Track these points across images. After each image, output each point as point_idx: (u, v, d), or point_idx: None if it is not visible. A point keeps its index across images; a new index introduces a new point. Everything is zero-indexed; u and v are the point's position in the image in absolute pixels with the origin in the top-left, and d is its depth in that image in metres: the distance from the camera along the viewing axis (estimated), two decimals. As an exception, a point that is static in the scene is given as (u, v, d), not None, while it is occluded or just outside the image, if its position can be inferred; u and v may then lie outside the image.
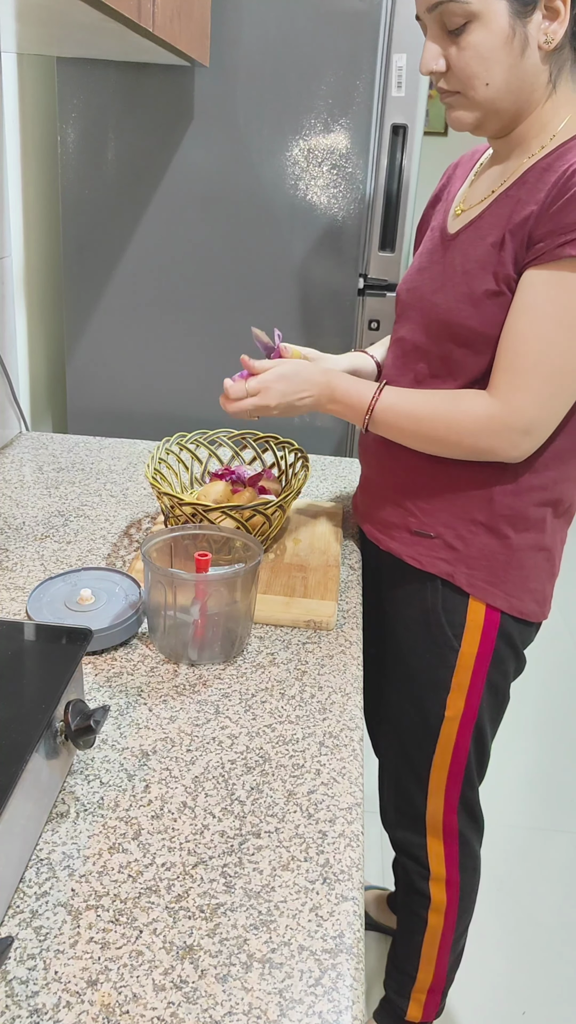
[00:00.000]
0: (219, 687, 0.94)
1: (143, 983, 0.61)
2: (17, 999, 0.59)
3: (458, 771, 1.21)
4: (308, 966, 0.63)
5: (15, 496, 1.39)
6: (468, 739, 1.19)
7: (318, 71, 1.54)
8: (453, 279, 1.04)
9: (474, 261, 1.02)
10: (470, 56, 0.95)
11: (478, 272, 1.01)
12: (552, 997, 1.65)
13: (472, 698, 1.16)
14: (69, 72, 1.59)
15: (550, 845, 2.01)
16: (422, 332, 1.09)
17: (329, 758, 0.84)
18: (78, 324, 1.77)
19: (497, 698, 1.19)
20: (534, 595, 1.12)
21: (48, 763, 0.72)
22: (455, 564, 1.10)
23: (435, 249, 1.11)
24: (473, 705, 1.17)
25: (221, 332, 1.74)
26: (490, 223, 1.02)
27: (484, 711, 1.18)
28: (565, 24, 0.94)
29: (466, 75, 0.97)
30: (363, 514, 1.24)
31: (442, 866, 1.29)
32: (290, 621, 1.06)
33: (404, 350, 1.13)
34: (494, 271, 0.99)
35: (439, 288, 1.06)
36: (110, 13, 0.95)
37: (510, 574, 1.10)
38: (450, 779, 1.22)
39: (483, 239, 1.02)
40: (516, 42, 0.94)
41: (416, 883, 1.32)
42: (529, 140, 1.02)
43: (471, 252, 1.03)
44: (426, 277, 1.10)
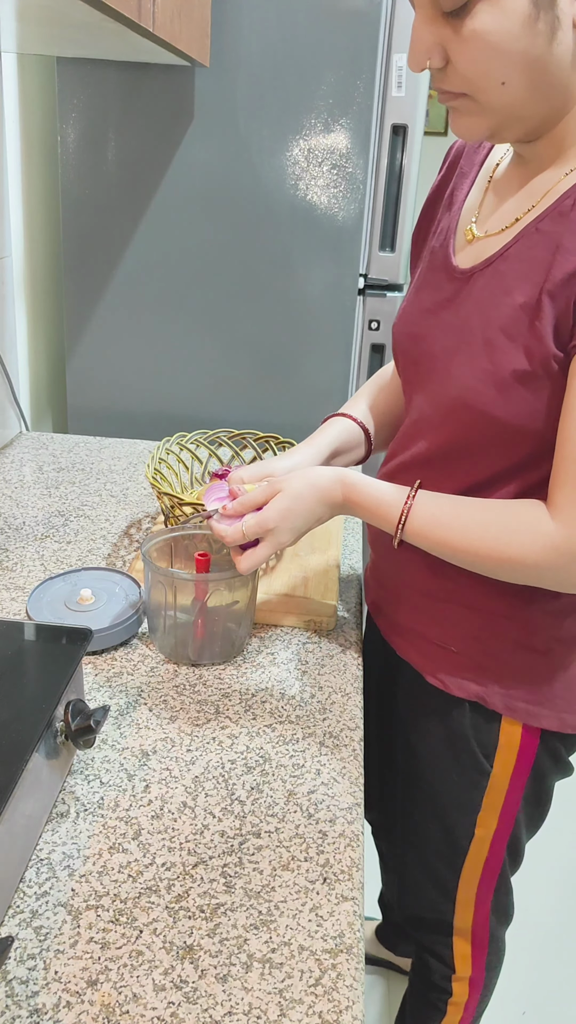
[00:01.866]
0: (219, 687, 0.94)
1: (143, 983, 0.61)
2: (17, 999, 0.59)
3: (490, 882, 1.05)
4: (308, 966, 0.63)
5: (15, 496, 1.39)
6: (503, 852, 1.03)
7: (318, 71, 1.54)
8: (471, 345, 0.80)
9: (497, 328, 0.78)
10: (477, 47, 0.69)
11: (504, 344, 0.77)
12: (552, 997, 1.65)
13: (507, 815, 0.99)
14: (69, 72, 1.59)
15: (550, 845, 2.01)
16: (427, 403, 0.87)
17: (329, 758, 0.84)
18: (78, 324, 1.77)
19: (539, 809, 1.03)
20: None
21: (48, 763, 0.72)
22: (486, 684, 0.91)
23: (441, 286, 0.87)
24: (508, 822, 1.00)
25: (221, 332, 1.74)
26: (517, 271, 0.77)
27: (521, 824, 1.02)
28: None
29: (473, 73, 0.71)
30: (378, 608, 1.04)
31: (469, 967, 1.14)
32: (290, 621, 1.06)
33: (412, 419, 0.92)
34: (526, 345, 0.75)
35: (451, 350, 0.83)
36: (110, 13, 0.95)
37: (556, 689, 0.90)
38: (481, 891, 1.06)
39: (508, 294, 0.77)
40: (542, 24, 0.67)
41: (437, 981, 1.17)
42: (568, 147, 0.76)
43: (492, 313, 0.79)
44: (434, 327, 0.86)
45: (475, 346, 0.80)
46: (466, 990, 1.17)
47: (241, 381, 1.76)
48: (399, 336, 0.93)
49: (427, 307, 0.88)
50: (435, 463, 0.89)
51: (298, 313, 1.70)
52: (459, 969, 1.15)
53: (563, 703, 0.91)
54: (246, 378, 1.76)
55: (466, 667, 0.92)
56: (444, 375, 0.84)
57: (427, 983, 1.21)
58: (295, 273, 1.68)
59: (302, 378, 1.74)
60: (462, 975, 1.15)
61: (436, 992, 1.20)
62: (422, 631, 0.96)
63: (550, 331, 0.74)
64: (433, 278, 0.89)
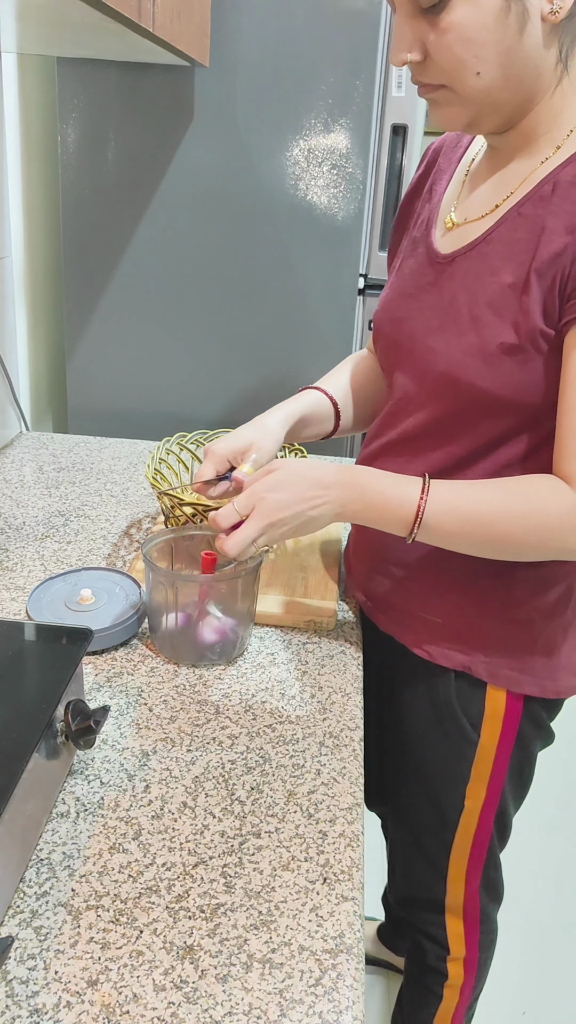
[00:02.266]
0: (219, 687, 0.94)
1: (143, 983, 0.61)
2: (17, 999, 0.59)
3: (480, 856, 1.08)
4: (308, 966, 0.63)
5: (15, 496, 1.39)
6: (491, 825, 1.05)
7: (318, 71, 1.54)
8: (457, 322, 0.84)
9: (484, 305, 0.81)
10: (453, 40, 0.74)
11: (491, 319, 0.81)
12: (552, 997, 1.65)
13: (494, 786, 1.02)
14: (69, 72, 1.59)
15: (550, 845, 2.01)
16: (413, 381, 0.90)
17: (329, 758, 0.84)
18: (78, 324, 1.77)
19: (522, 778, 1.05)
20: (569, 668, 0.96)
21: (48, 763, 0.72)
22: (471, 654, 0.94)
23: (422, 271, 0.90)
24: (496, 792, 1.02)
25: (221, 332, 1.74)
26: (502, 253, 0.81)
27: (508, 794, 1.04)
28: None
29: (450, 64, 0.76)
30: (360, 585, 1.06)
31: (462, 946, 1.16)
32: (290, 621, 1.06)
33: (394, 398, 0.95)
34: (514, 321, 0.79)
35: (435, 329, 0.86)
36: (110, 13, 0.95)
37: (537, 657, 0.94)
38: (471, 865, 1.09)
39: (493, 274, 0.81)
40: (512, 17, 0.73)
41: (432, 962, 1.20)
42: (539, 137, 0.82)
43: (478, 290, 0.82)
44: (415, 310, 0.90)
45: (461, 323, 0.83)
46: (461, 971, 1.19)
47: (241, 381, 1.76)
48: (381, 322, 0.96)
49: (409, 292, 0.92)
50: (421, 439, 0.91)
51: (298, 313, 1.70)
52: (453, 949, 1.17)
53: (543, 671, 0.94)
54: (246, 378, 1.76)
55: (451, 638, 0.95)
56: (428, 353, 0.87)
57: (422, 967, 1.22)
58: (295, 273, 1.68)
59: (302, 378, 1.74)
60: (456, 955, 1.17)
61: (432, 975, 1.21)
62: (406, 605, 0.98)
63: (538, 308, 0.78)
64: (415, 265, 0.92)
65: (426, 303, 0.89)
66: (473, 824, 1.05)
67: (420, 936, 1.20)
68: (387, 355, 0.96)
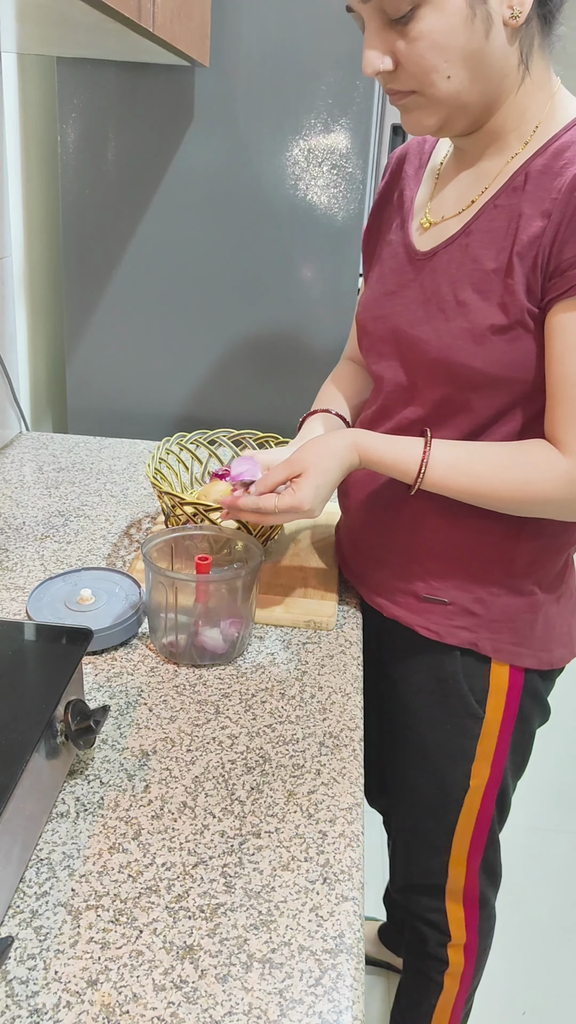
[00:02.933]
0: (219, 687, 0.94)
1: (143, 983, 0.61)
2: (17, 999, 0.59)
3: (482, 836, 1.11)
4: (308, 966, 0.63)
5: (15, 496, 1.39)
6: (493, 804, 1.08)
7: (318, 71, 1.54)
8: (443, 310, 0.89)
9: (470, 290, 0.86)
10: (423, 47, 0.78)
11: (477, 303, 0.86)
12: (552, 997, 1.65)
13: (498, 763, 1.05)
14: (69, 72, 1.59)
15: (550, 845, 2.01)
16: (403, 371, 0.95)
17: (329, 758, 0.84)
18: (78, 324, 1.77)
19: (522, 755, 1.09)
20: (561, 640, 1.02)
21: (48, 763, 0.72)
22: (477, 631, 0.98)
23: (403, 270, 0.95)
24: (499, 770, 1.06)
25: (221, 332, 1.74)
26: (482, 242, 0.86)
27: (509, 771, 1.08)
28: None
29: (421, 70, 0.80)
30: (356, 574, 1.09)
31: (463, 931, 1.19)
32: (290, 621, 1.06)
33: (386, 391, 0.99)
34: (500, 302, 0.84)
35: (421, 320, 0.91)
36: (110, 13, 0.95)
37: (536, 631, 0.98)
38: (473, 846, 1.11)
39: (475, 262, 0.87)
40: (478, 22, 0.77)
41: (433, 949, 1.22)
42: (506, 135, 0.87)
43: (461, 279, 0.87)
44: (398, 305, 0.94)
45: (448, 311, 0.88)
46: (461, 958, 1.21)
47: (241, 381, 1.76)
48: (364, 321, 1.00)
49: (390, 290, 0.97)
50: (417, 426, 0.95)
51: (298, 313, 1.70)
52: (454, 935, 1.19)
53: (540, 643, 1.00)
54: (246, 378, 1.76)
55: (457, 615, 0.98)
56: (416, 343, 0.91)
57: (422, 956, 1.23)
58: (295, 273, 1.68)
59: (302, 378, 1.74)
60: (457, 941, 1.19)
61: (432, 963, 1.23)
62: (409, 588, 1.01)
63: (522, 288, 0.83)
64: (394, 265, 0.97)
65: (408, 298, 0.93)
66: (477, 803, 1.08)
67: (420, 923, 1.21)
68: (372, 352, 1.00)
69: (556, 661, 1.02)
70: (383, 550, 1.02)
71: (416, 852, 1.17)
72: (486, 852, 1.13)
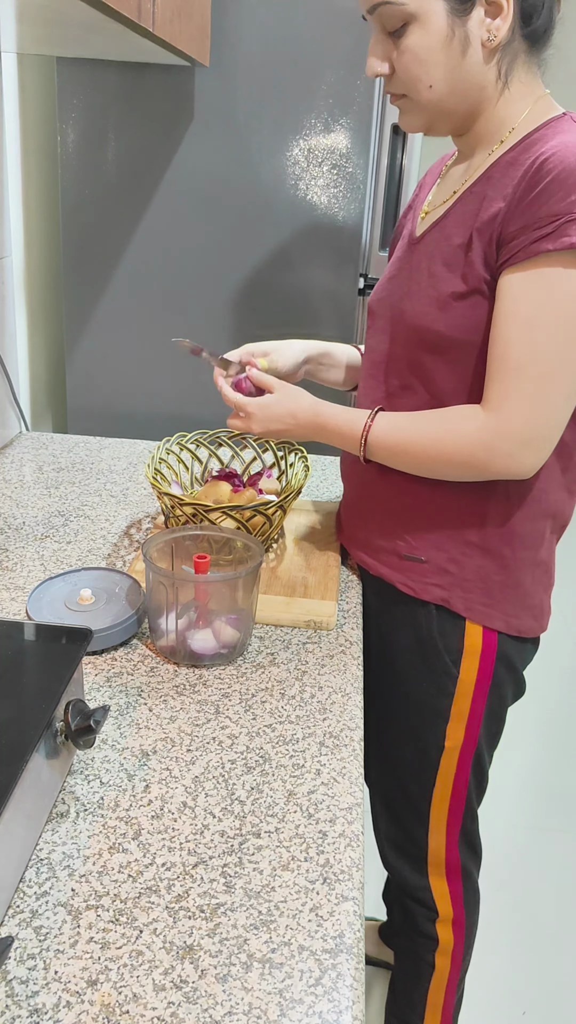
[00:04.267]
0: (219, 687, 0.94)
1: (143, 983, 0.61)
2: (17, 999, 0.59)
3: (459, 803, 1.16)
4: (308, 966, 0.63)
5: (15, 496, 1.39)
6: (468, 769, 1.14)
7: (318, 71, 1.54)
8: (419, 283, 1.00)
9: (439, 263, 0.98)
10: (409, 59, 0.92)
11: (444, 274, 0.96)
12: (552, 997, 1.65)
13: (472, 726, 1.11)
14: (69, 72, 1.59)
15: (550, 845, 2.01)
16: (388, 341, 1.06)
17: (329, 758, 0.84)
18: (78, 324, 1.77)
19: (496, 724, 1.15)
20: (532, 611, 1.08)
21: (48, 763, 0.72)
22: (450, 589, 1.05)
23: (403, 255, 1.07)
24: (473, 733, 1.12)
25: (221, 332, 1.74)
26: (454, 223, 0.97)
27: (483, 738, 1.13)
28: (509, 19, 0.89)
29: (408, 78, 0.93)
30: (349, 536, 1.19)
31: (449, 906, 1.24)
32: (290, 621, 1.06)
33: (373, 361, 1.09)
34: (462, 272, 0.95)
35: (406, 294, 1.02)
36: (110, 13, 0.95)
37: (507, 594, 1.05)
38: (451, 812, 1.17)
39: (448, 239, 0.97)
40: (456, 42, 0.90)
41: (422, 926, 1.26)
42: (489, 136, 0.98)
43: (436, 254, 0.99)
44: (394, 286, 1.06)
45: (422, 283, 1.00)
46: (451, 935, 1.26)
47: (241, 381, 1.76)
48: (372, 304, 1.12)
49: (392, 274, 1.09)
50: (398, 396, 1.06)
51: (298, 313, 1.70)
52: (441, 910, 1.24)
53: (510, 607, 1.06)
54: (246, 378, 1.76)
55: (432, 573, 1.06)
56: (399, 315, 1.03)
57: (413, 936, 1.28)
58: (295, 273, 1.68)
59: (302, 378, 1.74)
60: (445, 916, 1.24)
61: (423, 941, 1.27)
62: (392, 547, 1.09)
63: (480, 259, 0.93)
64: (399, 253, 1.09)
65: (401, 278, 1.05)
66: (452, 767, 1.14)
67: (408, 900, 1.26)
68: (372, 328, 1.11)
69: (524, 629, 1.07)
70: (371, 513, 1.12)
71: (399, 817, 1.22)
72: (464, 821, 1.18)
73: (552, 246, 0.86)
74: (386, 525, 1.09)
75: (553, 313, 0.88)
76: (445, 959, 1.27)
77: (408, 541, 1.07)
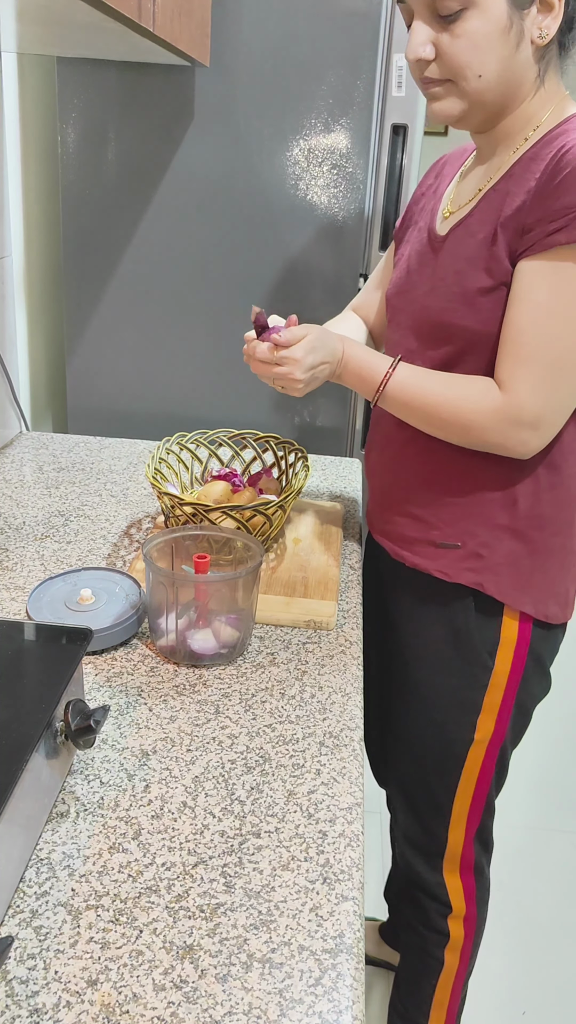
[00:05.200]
0: (219, 687, 0.94)
1: (143, 983, 0.61)
2: (17, 999, 0.59)
3: (481, 798, 1.17)
4: (308, 966, 0.63)
5: (15, 496, 1.39)
6: (493, 763, 1.15)
7: (318, 71, 1.54)
8: (445, 280, 1.02)
9: (464, 260, 0.99)
10: (464, 45, 0.91)
11: (469, 270, 0.98)
12: (552, 997, 1.65)
13: (502, 719, 1.12)
14: (69, 72, 1.59)
15: (550, 845, 2.01)
16: (413, 336, 1.07)
17: (329, 758, 0.84)
18: (78, 324, 1.77)
19: (523, 720, 1.16)
20: (558, 598, 1.09)
21: (48, 763, 0.72)
22: (482, 573, 1.07)
23: (424, 252, 1.09)
24: (502, 727, 1.13)
25: (221, 332, 1.74)
26: (479, 220, 0.99)
27: (510, 732, 1.14)
28: (559, 19, 0.91)
29: (458, 64, 0.92)
30: (382, 531, 1.18)
31: (462, 901, 1.24)
32: (290, 621, 1.06)
33: (393, 355, 1.10)
34: (487, 266, 0.97)
35: (430, 291, 1.04)
36: (110, 13, 0.95)
37: (536, 578, 1.07)
38: (472, 808, 1.17)
39: (472, 236, 0.99)
40: (512, 34, 0.91)
41: (434, 921, 1.26)
42: (514, 135, 1.00)
43: (461, 251, 1.00)
44: (415, 280, 1.08)
45: (448, 280, 1.01)
46: (462, 931, 1.26)
47: (241, 381, 1.76)
48: (391, 296, 1.14)
49: (413, 269, 1.10)
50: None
51: (298, 313, 1.70)
52: (455, 905, 1.24)
53: (538, 593, 1.08)
54: (246, 378, 1.76)
55: (466, 558, 1.07)
56: (424, 311, 1.04)
57: (424, 930, 1.28)
58: (295, 273, 1.68)
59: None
60: (458, 912, 1.25)
61: (434, 936, 1.27)
62: (426, 536, 1.10)
63: (504, 253, 0.95)
64: (419, 248, 1.11)
65: (424, 275, 1.07)
66: (479, 760, 1.14)
67: (421, 894, 1.26)
68: (393, 322, 1.13)
69: (551, 616, 1.09)
70: (403, 504, 1.12)
71: (418, 811, 1.22)
72: (483, 818, 1.18)
73: (566, 239, 0.89)
74: (418, 516, 1.10)
75: (568, 304, 0.91)
76: (454, 955, 1.28)
77: (441, 529, 1.08)
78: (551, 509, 1.05)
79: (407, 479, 1.11)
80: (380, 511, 1.18)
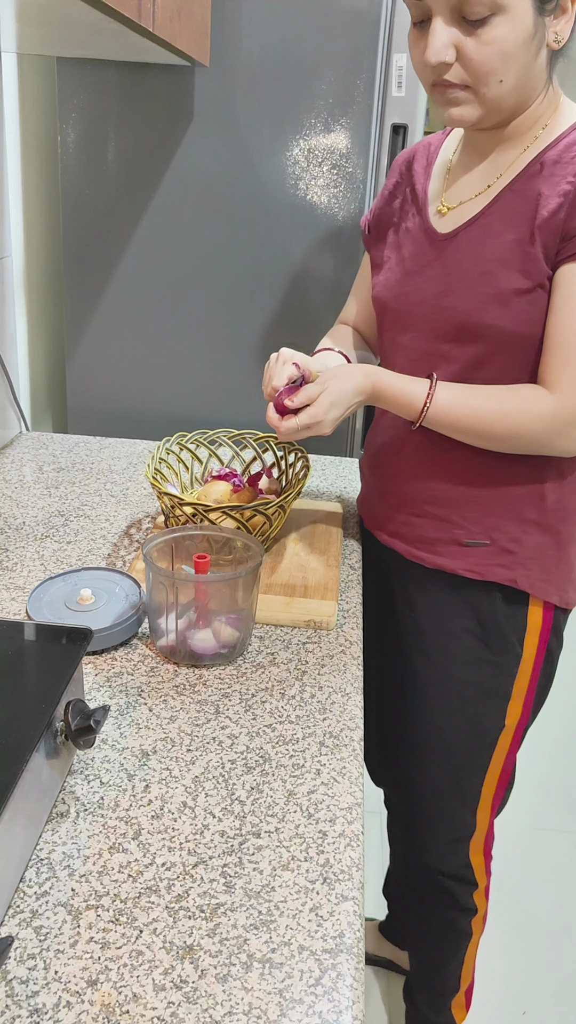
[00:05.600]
0: (219, 687, 0.94)
1: (143, 983, 0.61)
2: (17, 999, 0.59)
3: (506, 779, 1.20)
4: (308, 966, 0.63)
5: (15, 496, 1.39)
6: (519, 745, 1.18)
7: (318, 71, 1.54)
8: (468, 280, 1.00)
9: (493, 260, 0.98)
10: (491, 51, 0.89)
11: (500, 271, 0.98)
12: (552, 997, 1.65)
13: (528, 702, 1.16)
14: (69, 72, 1.59)
15: (550, 845, 2.01)
16: (433, 338, 1.05)
17: (329, 758, 0.84)
18: (78, 324, 1.77)
19: (544, 693, 1.19)
20: (574, 583, 1.12)
21: (48, 763, 0.72)
22: (513, 568, 1.08)
23: (423, 252, 1.07)
24: (528, 709, 1.16)
25: (221, 332, 1.74)
26: (502, 220, 0.99)
27: (533, 712, 1.18)
28: (571, 23, 0.91)
29: (484, 71, 0.90)
30: (395, 532, 1.17)
31: (485, 875, 1.29)
32: (290, 621, 1.06)
33: (411, 358, 1.09)
34: (522, 268, 0.96)
35: (447, 291, 1.02)
36: (110, 13, 0.95)
37: (561, 568, 1.09)
38: (498, 790, 1.20)
39: (497, 237, 0.98)
40: (536, 41, 0.90)
41: (463, 901, 1.29)
42: (521, 134, 1.00)
43: (485, 251, 0.99)
44: (420, 283, 1.06)
45: (472, 281, 1.00)
46: (484, 900, 1.32)
47: (241, 381, 1.76)
48: (386, 298, 1.11)
49: (413, 270, 1.07)
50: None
51: (298, 313, 1.70)
52: (479, 881, 1.29)
53: (561, 582, 1.10)
54: (246, 378, 1.76)
55: (496, 555, 1.08)
56: (443, 312, 1.02)
57: (454, 910, 1.30)
58: (295, 273, 1.68)
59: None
60: (481, 886, 1.29)
61: (465, 914, 1.31)
62: (449, 536, 1.10)
63: (541, 254, 0.95)
64: (414, 248, 1.08)
65: (431, 276, 1.05)
66: (507, 744, 1.17)
67: (447, 879, 1.27)
68: (396, 325, 1.11)
69: (571, 601, 1.13)
70: (424, 505, 1.12)
71: (446, 805, 1.22)
72: (505, 793, 1.22)
73: None
74: (442, 516, 1.10)
75: None
76: (480, 922, 1.33)
77: (467, 528, 1.09)
78: (574, 500, 1.07)
79: (425, 479, 1.10)
80: (391, 513, 1.17)
